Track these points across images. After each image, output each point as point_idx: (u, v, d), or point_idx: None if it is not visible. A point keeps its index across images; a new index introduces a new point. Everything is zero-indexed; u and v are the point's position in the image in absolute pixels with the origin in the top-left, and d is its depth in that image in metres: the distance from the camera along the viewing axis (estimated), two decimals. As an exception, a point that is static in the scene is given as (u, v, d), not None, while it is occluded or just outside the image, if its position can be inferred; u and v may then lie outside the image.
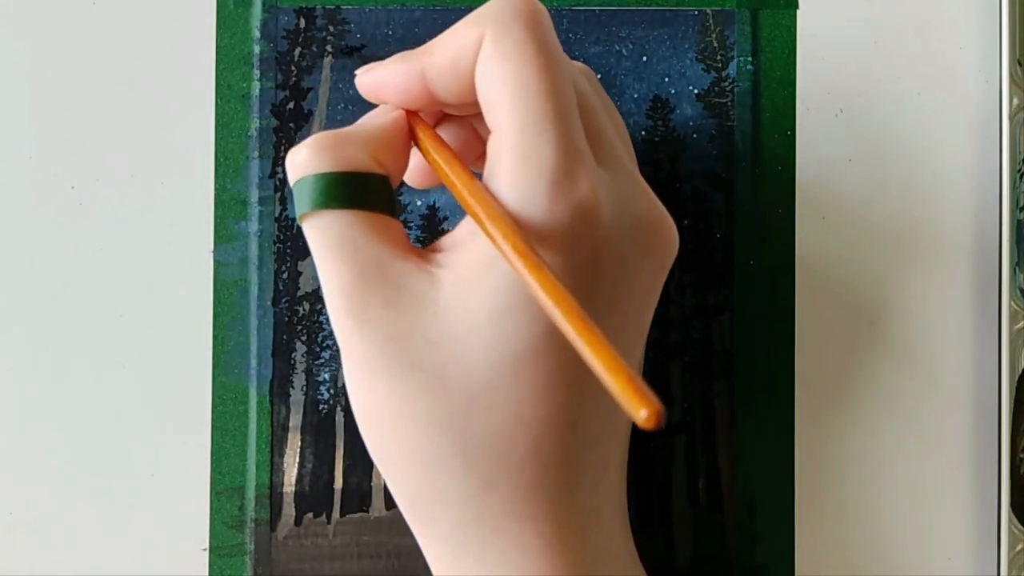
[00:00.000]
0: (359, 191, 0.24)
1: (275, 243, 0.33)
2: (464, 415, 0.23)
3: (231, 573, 0.32)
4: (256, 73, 0.33)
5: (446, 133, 0.28)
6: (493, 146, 0.23)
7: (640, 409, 0.18)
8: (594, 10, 0.33)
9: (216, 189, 0.33)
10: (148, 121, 0.33)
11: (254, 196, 0.33)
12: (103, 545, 0.32)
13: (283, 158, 0.33)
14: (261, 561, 0.32)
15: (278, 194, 0.33)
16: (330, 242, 0.24)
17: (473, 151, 0.28)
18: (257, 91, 0.33)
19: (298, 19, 0.33)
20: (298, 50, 0.33)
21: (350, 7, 0.33)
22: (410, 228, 0.33)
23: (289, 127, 0.33)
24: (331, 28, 0.33)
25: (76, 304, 0.33)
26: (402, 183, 0.28)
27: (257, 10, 0.33)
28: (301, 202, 0.24)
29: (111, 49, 0.33)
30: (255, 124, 0.33)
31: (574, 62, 0.27)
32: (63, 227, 0.33)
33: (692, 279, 0.33)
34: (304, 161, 0.24)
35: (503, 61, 0.23)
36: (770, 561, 0.33)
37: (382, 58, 0.33)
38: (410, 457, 0.24)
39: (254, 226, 0.33)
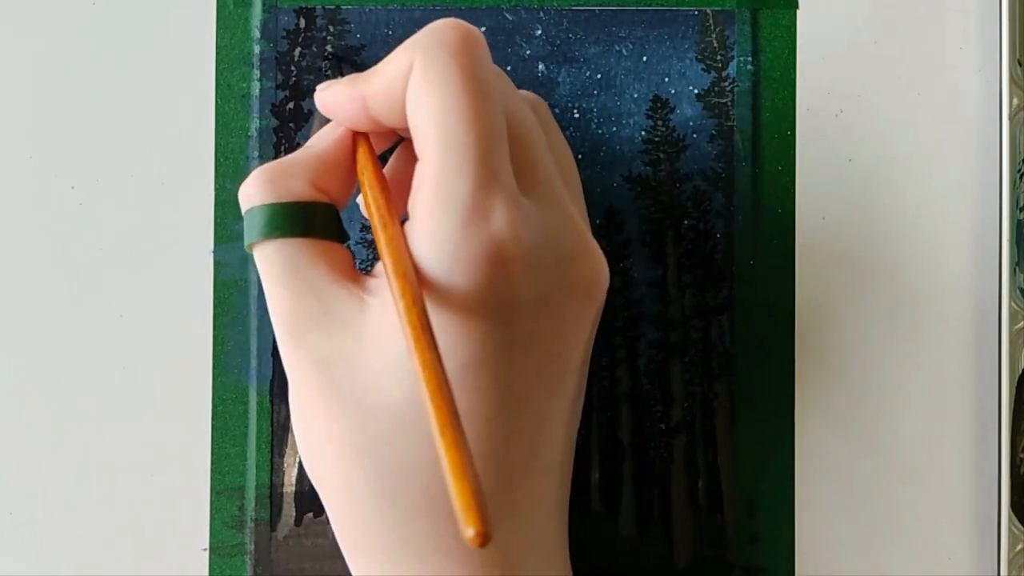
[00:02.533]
0: (302, 220, 0.25)
1: (275, 243, 0.33)
2: (384, 443, 0.23)
3: (231, 573, 0.32)
4: (256, 73, 0.33)
5: (402, 155, 0.28)
6: (417, 175, 0.24)
7: (468, 527, 0.19)
8: (594, 10, 0.33)
9: (216, 189, 0.33)
10: (148, 121, 0.33)
11: (254, 196, 0.33)
12: (103, 545, 0.32)
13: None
14: (261, 561, 0.32)
15: (278, 194, 0.33)
16: (274, 269, 0.25)
17: None
18: (257, 91, 0.33)
19: (298, 19, 0.33)
20: (298, 50, 0.33)
21: (350, 7, 0.33)
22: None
23: (289, 127, 0.33)
24: (331, 28, 0.33)
25: (76, 304, 0.33)
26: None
27: (257, 10, 0.33)
28: (250, 232, 0.25)
29: (111, 49, 0.33)
30: (255, 124, 0.33)
31: (524, 92, 0.27)
32: (63, 227, 0.33)
33: (692, 279, 0.33)
34: (251, 193, 0.25)
35: (428, 90, 0.23)
36: (770, 561, 0.33)
37: (382, 58, 0.33)
38: (339, 481, 0.24)
39: (254, 226, 0.33)
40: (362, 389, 0.24)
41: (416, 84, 0.23)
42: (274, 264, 0.25)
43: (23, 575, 0.32)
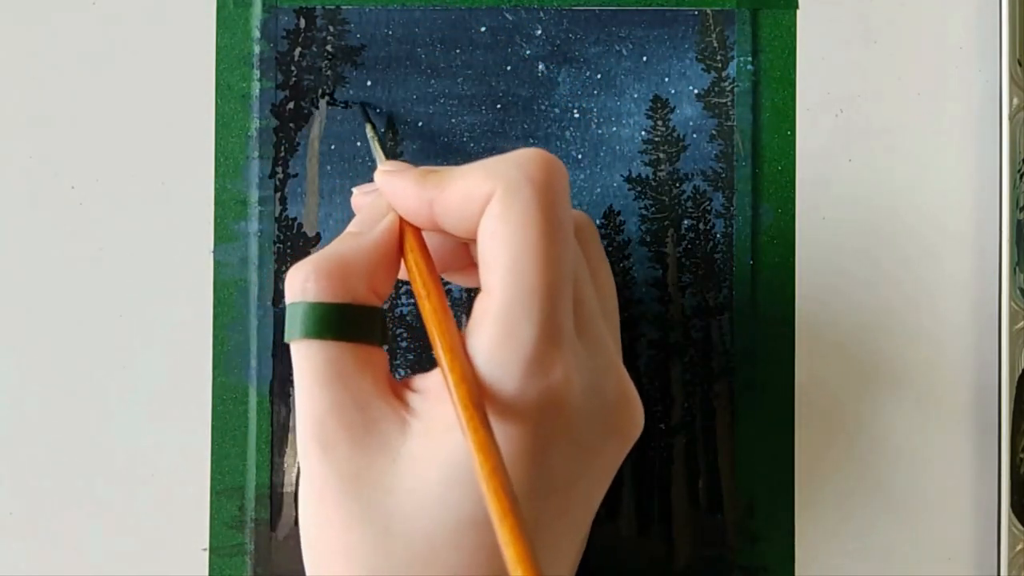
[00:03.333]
0: (353, 324, 0.24)
1: (275, 243, 0.33)
2: (408, 571, 0.23)
3: (231, 573, 0.32)
4: (256, 73, 0.33)
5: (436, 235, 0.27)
6: (479, 306, 0.23)
7: None
8: (594, 10, 0.33)
9: (216, 189, 0.33)
10: (148, 121, 0.33)
11: (254, 196, 0.33)
12: (103, 545, 0.32)
13: (283, 158, 0.33)
14: (261, 561, 0.32)
15: (278, 194, 0.33)
16: (316, 370, 0.24)
17: (463, 259, 0.28)
18: (257, 91, 0.33)
19: (298, 19, 0.33)
20: (298, 50, 0.33)
21: (350, 7, 0.33)
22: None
23: (289, 127, 0.33)
24: (331, 28, 0.33)
25: (76, 304, 0.33)
26: None
27: (257, 10, 0.33)
28: (294, 327, 0.24)
29: (111, 49, 0.33)
30: (255, 124, 0.33)
31: (575, 212, 0.27)
32: (63, 227, 0.33)
33: (692, 279, 0.33)
34: (303, 288, 0.24)
35: (505, 226, 0.23)
36: (770, 561, 0.33)
37: (382, 58, 0.33)
38: None
39: (254, 226, 0.33)
40: (391, 513, 0.23)
41: (495, 216, 0.23)
42: (317, 366, 0.24)
43: (23, 575, 0.32)
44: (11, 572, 0.32)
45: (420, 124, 0.33)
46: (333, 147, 0.33)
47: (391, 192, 0.25)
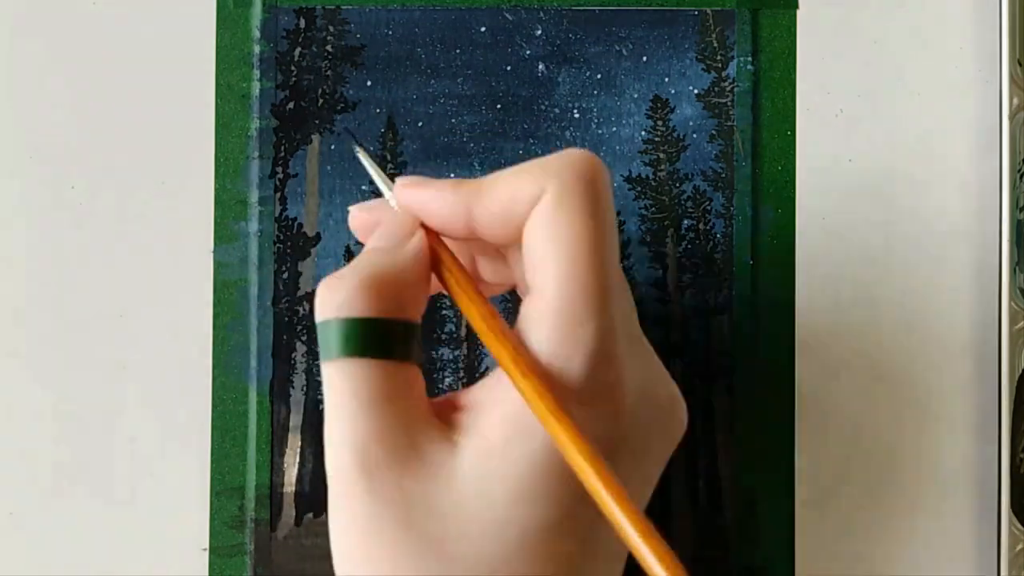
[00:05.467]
0: (395, 341, 0.23)
1: (275, 243, 0.33)
2: None
3: (231, 573, 0.32)
4: (256, 73, 0.33)
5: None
6: (530, 307, 0.23)
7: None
8: (594, 10, 0.33)
9: (216, 189, 0.33)
10: (148, 121, 0.33)
11: (254, 196, 0.33)
12: (103, 545, 0.32)
13: (283, 158, 0.33)
14: (261, 561, 0.32)
15: (278, 194, 0.33)
16: (356, 393, 0.23)
17: (485, 269, 0.27)
18: (257, 91, 0.33)
19: (298, 19, 0.33)
20: (298, 50, 0.33)
21: (350, 7, 0.33)
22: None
23: (289, 127, 0.33)
24: (331, 28, 0.33)
25: (76, 304, 0.33)
26: None
27: (257, 10, 0.33)
28: (332, 345, 0.23)
29: (111, 49, 0.33)
30: (255, 124, 0.33)
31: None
32: (63, 227, 0.33)
33: (692, 279, 0.33)
34: (344, 302, 0.23)
35: (560, 225, 0.22)
36: (770, 561, 0.33)
37: (382, 58, 0.33)
38: None
39: (254, 226, 0.33)
40: (447, 537, 0.22)
41: (546, 216, 0.23)
42: (358, 388, 0.23)
43: (23, 575, 0.32)
44: (11, 572, 0.32)
45: (420, 124, 0.33)
46: (333, 147, 0.33)
47: (421, 203, 0.25)
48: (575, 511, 0.23)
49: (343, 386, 0.23)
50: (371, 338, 0.23)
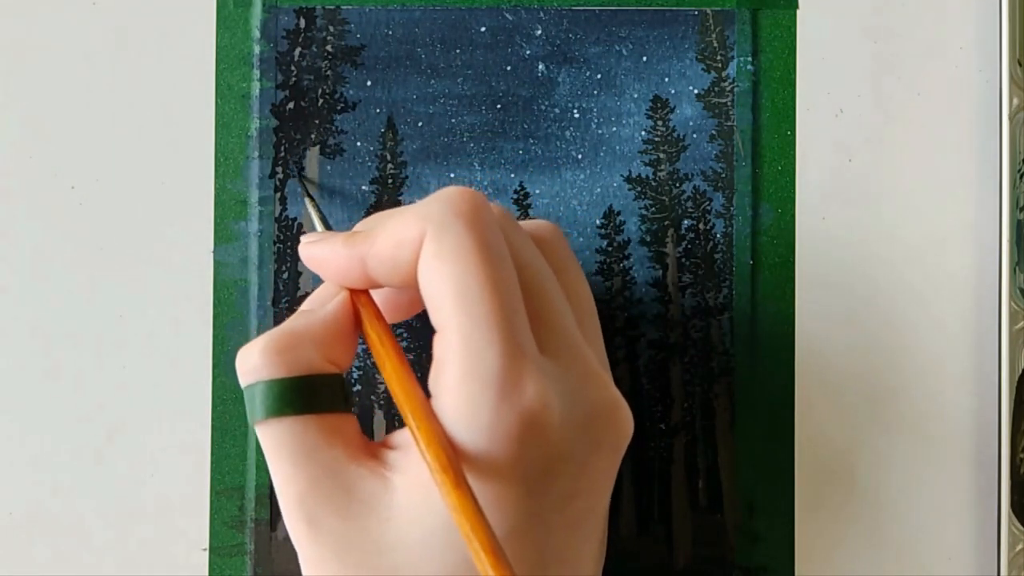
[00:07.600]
0: (314, 395, 0.24)
1: (275, 243, 0.33)
2: None
3: (231, 573, 0.32)
4: (256, 73, 0.33)
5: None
6: (439, 347, 0.23)
7: None
8: (594, 10, 0.33)
9: (216, 189, 0.33)
10: (148, 121, 0.33)
11: (254, 196, 0.33)
12: (103, 545, 0.32)
13: (283, 158, 0.33)
14: (261, 561, 0.32)
15: (278, 194, 0.33)
16: (284, 449, 0.24)
17: (413, 306, 0.28)
18: (257, 91, 0.33)
19: (298, 19, 0.33)
20: (298, 50, 0.33)
21: (350, 7, 0.33)
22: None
23: (289, 127, 0.33)
24: (331, 28, 0.33)
25: (76, 304, 0.33)
26: None
27: (257, 10, 0.33)
28: (254, 409, 0.24)
29: (111, 49, 0.33)
30: (255, 124, 0.33)
31: (537, 221, 0.27)
32: (63, 227, 0.33)
33: (692, 279, 0.33)
34: (257, 366, 0.24)
35: (443, 262, 0.23)
36: (770, 561, 0.33)
37: (382, 58, 0.33)
38: None
39: (254, 226, 0.33)
40: (395, 568, 0.23)
41: (431, 255, 0.23)
42: (284, 444, 0.24)
43: (23, 575, 0.32)
44: (11, 572, 0.32)
45: (420, 124, 0.33)
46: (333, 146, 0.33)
47: (317, 260, 0.26)
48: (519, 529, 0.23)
49: (271, 444, 0.24)
50: (288, 396, 0.24)
